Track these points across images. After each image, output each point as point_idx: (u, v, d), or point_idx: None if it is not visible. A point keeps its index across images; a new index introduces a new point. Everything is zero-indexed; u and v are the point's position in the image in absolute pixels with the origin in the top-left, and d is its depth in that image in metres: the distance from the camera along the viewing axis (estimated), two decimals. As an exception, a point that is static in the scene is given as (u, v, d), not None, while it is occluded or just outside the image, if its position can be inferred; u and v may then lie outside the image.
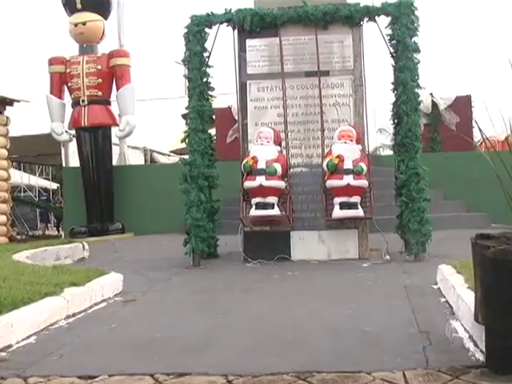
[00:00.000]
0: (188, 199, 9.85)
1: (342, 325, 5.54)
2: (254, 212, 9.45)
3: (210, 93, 10.32)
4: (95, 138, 16.61)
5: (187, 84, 10.17)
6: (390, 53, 9.90)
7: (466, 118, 19.30)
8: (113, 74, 16.57)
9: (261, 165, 9.41)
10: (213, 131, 16.91)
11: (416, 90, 9.66)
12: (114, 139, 17.59)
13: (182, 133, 10.49)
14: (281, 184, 9.47)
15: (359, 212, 9.41)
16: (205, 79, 10.21)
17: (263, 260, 9.70)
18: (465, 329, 5.05)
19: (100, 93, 16.44)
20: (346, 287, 7.57)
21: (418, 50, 9.74)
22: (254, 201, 9.45)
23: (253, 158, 9.45)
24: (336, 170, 9.34)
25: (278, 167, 9.42)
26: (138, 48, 27.94)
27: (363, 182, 9.41)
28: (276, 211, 9.44)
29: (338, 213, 9.42)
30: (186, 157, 10.26)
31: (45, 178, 35.64)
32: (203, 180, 10.01)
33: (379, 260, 9.51)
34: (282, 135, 9.89)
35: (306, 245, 9.93)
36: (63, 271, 7.44)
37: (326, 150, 9.72)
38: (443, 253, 9.59)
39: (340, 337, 5.16)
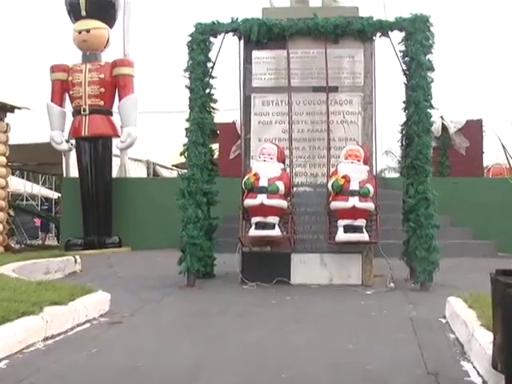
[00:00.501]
0: (185, 215, 9.38)
1: (342, 360, 5.08)
2: (253, 232, 9.00)
3: (212, 105, 9.90)
4: (95, 149, 16.24)
5: (189, 95, 9.73)
6: (403, 70, 9.50)
7: (476, 143, 18.95)
8: (116, 84, 16.22)
9: (263, 182, 8.97)
10: (216, 146, 16.65)
11: (428, 111, 9.23)
12: (115, 150, 17.22)
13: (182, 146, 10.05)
14: (283, 203, 9.01)
15: (364, 236, 8.97)
16: (207, 90, 9.77)
17: (261, 282, 9.24)
18: (478, 373, 4.58)
19: (102, 102, 16.08)
20: (347, 317, 7.09)
21: (432, 69, 9.31)
22: (254, 220, 9.01)
23: (254, 174, 9.02)
24: (341, 190, 8.90)
25: (281, 185, 8.98)
26: (143, 59, 27.63)
27: (369, 205, 8.96)
28: (277, 232, 8.99)
29: (341, 236, 8.97)
30: (185, 171, 9.83)
31: (48, 188, 35.39)
32: (202, 196, 9.55)
33: (383, 287, 9.04)
34: (286, 152, 9.46)
35: (306, 268, 9.47)
36: (47, 288, 6.96)
37: (332, 170, 9.29)
38: (450, 282, 9.24)
39: (340, 375, 4.71)
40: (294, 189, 9.38)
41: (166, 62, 65.26)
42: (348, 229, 8.93)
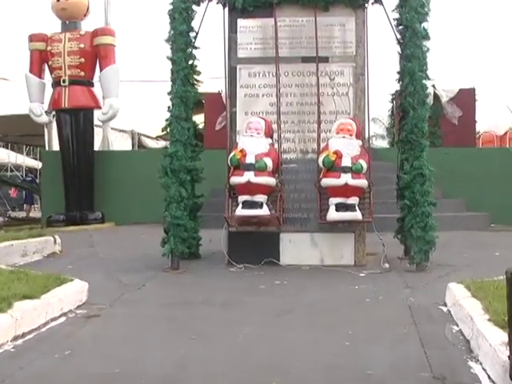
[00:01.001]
0: (168, 195, 8.87)
1: (339, 362, 4.64)
2: (240, 211, 8.53)
3: (195, 77, 9.37)
4: (76, 121, 15.73)
5: (171, 67, 9.19)
6: (397, 39, 9.00)
7: (468, 112, 18.54)
8: (96, 54, 15.66)
9: (249, 159, 8.49)
10: (201, 117, 16.15)
11: (424, 82, 8.74)
12: (97, 121, 16.70)
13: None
14: (271, 181, 8.55)
15: (357, 215, 8.52)
16: (190, 62, 9.22)
17: (249, 264, 8.79)
18: (489, 377, 4.16)
19: (82, 73, 15.54)
20: (341, 305, 6.64)
21: (427, 37, 8.80)
22: (241, 199, 8.54)
23: (241, 150, 8.54)
24: (333, 167, 8.44)
25: (269, 162, 8.50)
26: (125, 27, 27.00)
27: (362, 182, 8.52)
28: (265, 211, 8.53)
29: (333, 215, 8.53)
30: (165, 143, 9.34)
31: (32, 158, 34.96)
32: (185, 174, 9.03)
33: (377, 268, 8.60)
34: (274, 126, 8.97)
35: (296, 248, 9.04)
36: (19, 277, 6.48)
37: (323, 145, 8.82)
38: (446, 261, 8.89)
39: (337, 382, 4.27)
40: (283, 165, 8.89)
41: (149, 30, 64.40)
42: (340, 207, 8.49)
